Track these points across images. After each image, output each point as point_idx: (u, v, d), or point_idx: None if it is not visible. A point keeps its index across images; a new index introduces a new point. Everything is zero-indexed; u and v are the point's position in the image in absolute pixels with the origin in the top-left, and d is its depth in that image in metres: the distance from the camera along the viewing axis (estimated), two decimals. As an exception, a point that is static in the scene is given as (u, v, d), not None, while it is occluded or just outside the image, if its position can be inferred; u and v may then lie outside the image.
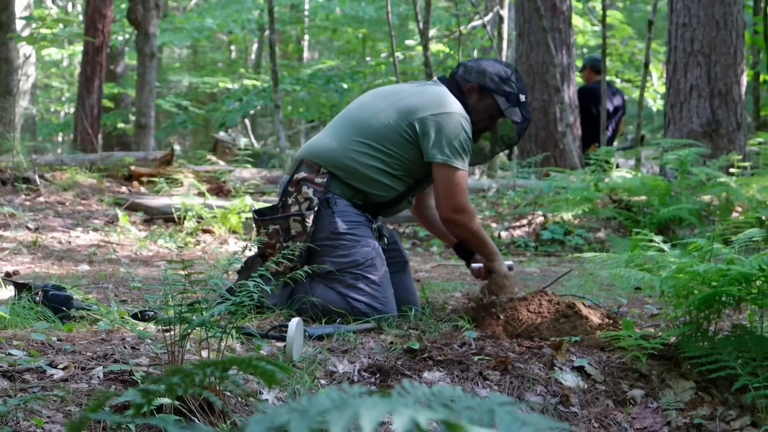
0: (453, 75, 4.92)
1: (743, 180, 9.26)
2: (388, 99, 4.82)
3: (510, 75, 4.83)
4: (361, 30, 23.77)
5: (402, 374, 4.01)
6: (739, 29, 10.99)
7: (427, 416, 1.22)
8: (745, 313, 4.92)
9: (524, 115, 4.84)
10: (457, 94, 4.81)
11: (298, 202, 4.75)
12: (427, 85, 4.92)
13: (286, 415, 1.31)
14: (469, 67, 4.88)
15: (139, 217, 8.97)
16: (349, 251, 4.69)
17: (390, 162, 4.76)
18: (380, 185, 4.80)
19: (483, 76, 4.82)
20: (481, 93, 4.82)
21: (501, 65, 4.91)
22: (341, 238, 4.69)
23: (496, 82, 4.81)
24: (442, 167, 4.72)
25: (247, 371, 1.83)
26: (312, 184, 4.76)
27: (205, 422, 3.31)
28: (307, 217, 4.70)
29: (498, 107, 4.82)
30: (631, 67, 22.30)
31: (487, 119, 4.87)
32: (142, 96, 15.35)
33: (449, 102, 4.73)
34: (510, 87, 4.80)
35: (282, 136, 13.90)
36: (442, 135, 4.67)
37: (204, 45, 27.51)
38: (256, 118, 27.65)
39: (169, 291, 3.68)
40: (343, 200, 4.75)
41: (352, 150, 4.74)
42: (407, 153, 4.76)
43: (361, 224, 4.76)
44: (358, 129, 4.78)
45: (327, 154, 4.79)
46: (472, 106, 4.81)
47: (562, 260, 8.08)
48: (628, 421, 3.95)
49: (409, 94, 4.81)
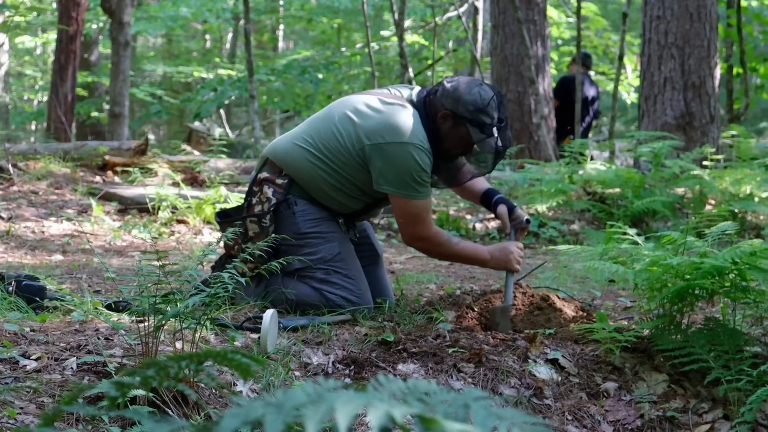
0: (433, 93, 4.69)
1: (716, 173, 9.30)
2: (349, 115, 4.63)
3: (487, 103, 4.53)
4: (337, 20, 23.73)
5: (376, 366, 4.01)
6: (713, 22, 11.04)
7: (402, 411, 1.23)
8: (717, 306, 4.95)
9: (498, 146, 4.58)
10: (430, 116, 4.61)
11: (260, 202, 4.74)
12: (391, 102, 4.65)
13: (261, 409, 1.31)
14: (446, 90, 4.60)
15: (113, 207, 8.94)
16: (315, 249, 4.67)
17: (342, 182, 4.68)
18: (336, 202, 4.76)
19: (457, 103, 4.55)
20: (455, 120, 4.57)
21: (479, 90, 4.58)
22: (305, 237, 4.66)
23: (470, 111, 4.53)
24: (395, 197, 4.61)
25: (222, 364, 1.82)
26: (273, 185, 4.74)
27: (179, 413, 3.31)
28: (264, 218, 4.69)
29: (471, 137, 4.59)
30: (605, 59, 22.34)
31: (462, 146, 4.65)
32: (116, 85, 15.29)
33: (404, 128, 4.52)
34: (486, 117, 4.53)
35: (257, 126, 13.86)
36: (390, 166, 4.52)
37: (178, 34, 27.41)
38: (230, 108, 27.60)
39: (143, 282, 3.67)
40: (303, 200, 4.72)
41: (307, 166, 4.68)
42: (359, 175, 4.65)
43: (324, 220, 4.73)
44: (316, 142, 4.67)
45: (286, 160, 4.74)
46: (444, 132, 4.61)
47: (537, 252, 8.10)
48: (602, 414, 3.97)
49: (370, 114, 4.60)
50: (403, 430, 1.29)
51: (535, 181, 9.60)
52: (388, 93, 4.75)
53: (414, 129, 4.54)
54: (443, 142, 4.64)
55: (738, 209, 8.80)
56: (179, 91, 25.00)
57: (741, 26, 14.32)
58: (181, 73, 23.38)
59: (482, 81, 4.76)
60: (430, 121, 4.61)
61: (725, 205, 8.85)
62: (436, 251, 4.83)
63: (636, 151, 9.99)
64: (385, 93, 4.75)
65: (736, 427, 3.83)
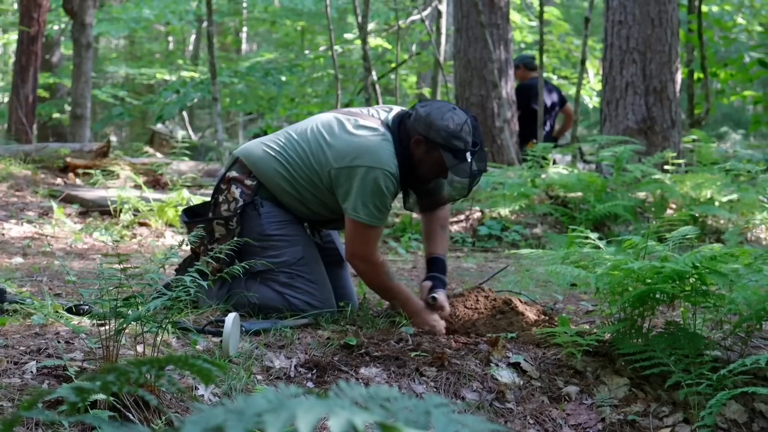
0: (407, 116, 4.65)
1: (677, 177, 9.36)
2: (323, 136, 4.62)
3: (460, 128, 4.50)
4: (300, 23, 23.71)
5: (339, 370, 4.01)
6: (674, 27, 11.10)
7: (364, 418, 1.23)
8: (678, 310, 4.98)
9: (473, 170, 4.55)
10: (404, 142, 4.58)
11: (227, 201, 4.73)
12: (366, 125, 4.62)
13: (222, 415, 1.31)
14: (419, 115, 4.56)
15: (74, 210, 8.88)
16: (278, 252, 4.66)
17: (310, 199, 4.69)
18: (302, 213, 4.77)
19: (429, 128, 4.51)
20: (428, 146, 4.54)
21: (452, 115, 4.54)
22: (270, 239, 4.66)
23: (443, 136, 4.49)
24: (351, 220, 4.58)
25: (183, 369, 1.81)
26: (241, 185, 4.73)
27: (141, 418, 3.29)
28: (231, 221, 4.68)
29: (444, 162, 4.55)
30: (567, 63, 22.43)
31: (436, 171, 4.63)
32: (78, 86, 15.20)
33: (372, 154, 4.50)
34: (459, 142, 4.50)
35: (220, 129, 13.82)
36: (353, 189, 4.50)
37: (141, 36, 27.29)
38: (193, 110, 27.51)
39: (104, 285, 3.65)
40: (269, 202, 4.71)
41: (276, 179, 4.68)
42: (326, 197, 4.66)
43: (289, 223, 4.73)
44: (289, 157, 4.67)
45: (256, 165, 4.73)
46: (418, 157, 4.59)
47: (499, 256, 8.12)
48: (563, 418, 3.98)
49: (343, 137, 4.58)
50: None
51: (498, 185, 9.62)
52: (366, 114, 4.72)
53: (384, 154, 4.52)
54: (417, 168, 4.63)
55: (699, 213, 8.86)
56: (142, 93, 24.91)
57: (702, 31, 14.42)
58: (143, 75, 23.29)
59: (455, 105, 4.71)
60: (404, 145, 4.59)
61: (686, 210, 8.91)
62: (371, 277, 4.75)
63: (598, 155, 10.03)
64: (363, 114, 4.72)
65: (697, 430, 3.85)
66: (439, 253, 4.97)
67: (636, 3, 10.97)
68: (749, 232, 8.91)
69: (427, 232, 5.02)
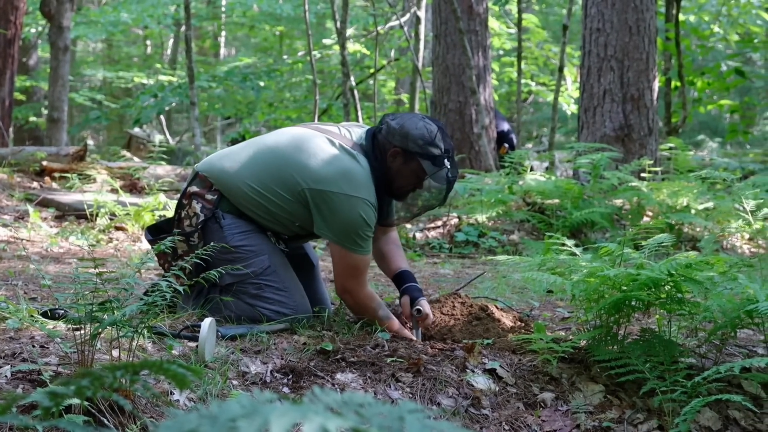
0: (377, 131, 4.67)
1: (654, 185, 9.39)
2: (298, 153, 4.58)
3: (434, 136, 4.58)
4: (279, 27, 23.73)
5: (315, 376, 4.01)
6: (652, 35, 11.15)
7: (337, 424, 1.23)
8: (653, 317, 4.99)
9: (449, 176, 4.60)
10: (378, 157, 4.61)
11: (189, 217, 4.71)
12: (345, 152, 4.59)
13: (196, 420, 1.30)
14: (392, 128, 4.60)
15: (50, 214, 8.85)
16: (244, 263, 4.61)
17: (280, 213, 4.64)
18: (269, 228, 4.73)
19: (406, 139, 4.56)
20: (406, 156, 4.58)
21: (424, 124, 4.62)
22: (234, 252, 4.61)
23: (420, 145, 4.55)
24: (336, 246, 4.59)
25: (158, 373, 1.81)
26: (202, 199, 4.68)
27: (115, 423, 3.28)
28: (192, 236, 4.66)
29: (423, 170, 4.58)
30: (546, 70, 22.50)
31: (414, 181, 4.63)
32: (55, 90, 15.15)
33: (352, 182, 4.50)
34: (435, 149, 4.57)
35: (197, 133, 13.81)
36: (335, 217, 4.50)
37: (119, 39, 27.26)
38: (171, 115, 27.47)
39: (80, 289, 3.63)
40: (231, 215, 4.66)
41: (244, 191, 4.63)
42: (298, 211, 4.61)
43: (252, 233, 4.68)
44: (259, 170, 4.62)
45: (221, 179, 4.68)
46: (396, 169, 4.61)
47: (476, 262, 8.13)
48: (538, 424, 3.99)
49: (319, 158, 4.55)
50: (338, 443, 1.29)
51: (476, 191, 9.64)
52: (338, 133, 4.70)
53: (363, 183, 4.52)
54: (395, 180, 4.64)
55: (675, 221, 8.89)
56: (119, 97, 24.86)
57: (679, 40, 14.49)
58: (121, 79, 23.24)
59: (424, 115, 4.76)
60: (380, 160, 4.61)
61: (662, 217, 8.94)
62: (360, 312, 4.75)
63: (575, 162, 10.06)
64: (334, 132, 4.70)
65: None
66: (403, 266, 5.01)
67: (614, 11, 11.01)
68: (725, 240, 8.95)
69: (383, 253, 5.04)
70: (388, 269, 5.03)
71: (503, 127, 13.83)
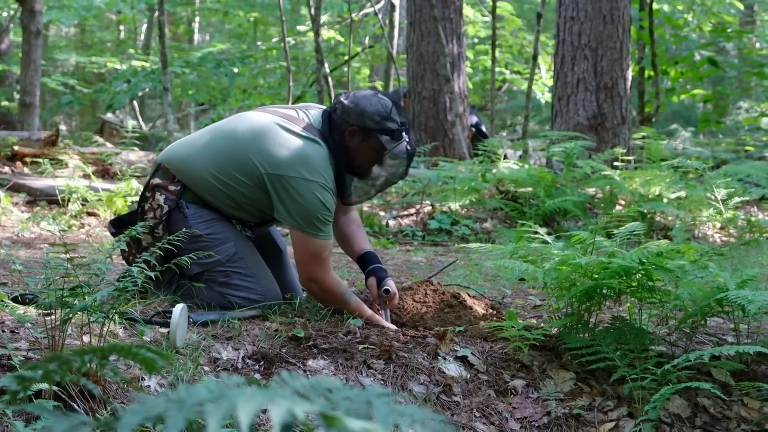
0: (332, 112, 4.67)
1: (627, 173, 9.43)
2: (256, 139, 4.57)
3: (390, 110, 4.60)
4: (253, 14, 23.66)
5: (286, 362, 4.00)
6: (626, 24, 11.18)
7: (305, 408, 1.22)
8: (624, 305, 5.02)
9: (408, 148, 4.63)
10: (335, 138, 4.61)
11: (153, 209, 4.69)
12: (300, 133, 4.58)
13: (163, 405, 1.30)
14: (347, 108, 4.61)
15: (21, 199, 8.81)
16: (210, 251, 4.61)
17: (241, 199, 4.62)
18: (230, 214, 4.71)
19: (362, 117, 4.57)
20: (364, 134, 4.59)
21: (378, 100, 4.63)
22: (199, 241, 4.57)
23: (377, 121, 4.57)
24: (296, 231, 4.57)
25: (127, 358, 1.81)
26: (165, 191, 4.66)
27: (86, 408, 3.27)
28: (156, 228, 4.64)
29: (383, 145, 4.60)
30: (520, 59, 22.53)
31: (374, 158, 4.65)
32: (27, 74, 15.06)
33: (310, 165, 4.49)
34: (392, 123, 4.59)
35: (170, 119, 13.76)
36: (293, 202, 4.49)
37: (92, 24, 27.12)
38: (144, 101, 27.36)
39: (50, 274, 3.62)
40: (195, 205, 4.65)
41: (205, 177, 4.61)
42: (258, 196, 4.60)
43: (217, 221, 4.66)
44: (218, 157, 4.60)
45: (181, 168, 4.67)
46: (355, 148, 4.61)
47: (449, 250, 8.14)
48: (509, 411, 4.00)
49: (276, 142, 4.54)
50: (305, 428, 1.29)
51: (449, 179, 9.65)
52: (296, 116, 4.69)
53: (321, 166, 4.52)
54: (355, 158, 4.64)
55: (647, 210, 8.93)
56: (92, 82, 24.74)
57: (653, 29, 14.52)
58: (94, 64, 23.13)
59: (376, 91, 4.77)
60: (338, 140, 4.62)
61: (634, 206, 8.98)
62: (328, 300, 4.72)
63: (548, 150, 10.08)
64: (291, 116, 4.69)
65: (640, 424, 3.88)
66: (367, 248, 5.01)
67: (588, 0, 11.03)
68: (696, 228, 9.00)
69: (345, 234, 5.05)
70: (351, 251, 5.03)
71: (472, 119, 13.85)
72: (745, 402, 4.15)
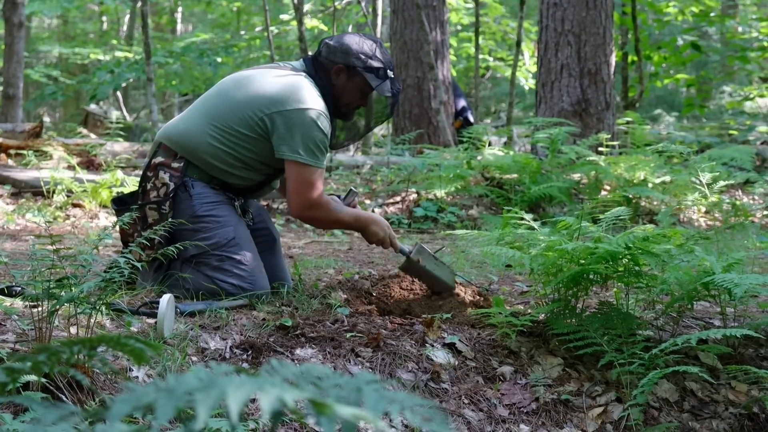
0: (317, 56, 4.77)
1: (611, 159, 9.45)
2: (245, 88, 4.65)
3: (375, 49, 4.71)
4: (236, 3, 23.59)
5: (274, 351, 4.00)
6: (608, 10, 11.18)
7: (295, 395, 1.22)
8: (611, 290, 5.03)
9: (393, 88, 4.73)
10: (322, 78, 4.69)
11: (156, 188, 4.69)
12: (286, 74, 4.69)
13: (152, 394, 1.30)
14: (332, 47, 4.71)
15: (6, 191, 8.79)
16: (209, 233, 4.61)
17: (245, 154, 4.65)
18: (235, 176, 4.72)
19: (348, 55, 4.68)
20: (349, 72, 4.68)
21: (364, 40, 4.74)
22: (201, 221, 4.61)
23: (362, 59, 4.67)
24: (293, 164, 4.57)
25: (115, 349, 1.80)
26: (169, 168, 4.68)
27: (74, 399, 3.27)
28: (164, 205, 4.64)
29: (368, 84, 4.68)
30: (503, 45, 22.53)
31: (359, 97, 4.75)
32: (10, 66, 15.01)
33: (304, 96, 4.56)
34: (377, 62, 4.68)
35: (154, 110, 13.73)
36: (292, 132, 4.53)
37: (74, 15, 27.02)
38: (128, 91, 27.28)
39: (37, 266, 3.61)
40: (200, 182, 4.67)
41: (206, 141, 4.63)
42: (261, 146, 4.64)
43: (220, 204, 4.69)
44: (213, 118, 4.65)
45: (182, 141, 4.69)
46: (341, 86, 4.70)
47: (435, 237, 8.14)
48: (498, 398, 4.01)
49: (265, 85, 4.62)
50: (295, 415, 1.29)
51: (434, 167, 9.66)
52: (277, 65, 4.80)
53: (313, 95, 4.59)
54: (341, 98, 4.73)
55: (632, 195, 8.95)
56: (75, 74, 24.66)
57: (636, 14, 14.54)
58: (77, 55, 23.06)
59: (359, 32, 4.91)
60: (324, 79, 4.71)
61: (620, 191, 9.00)
62: (323, 220, 4.77)
63: (533, 137, 10.09)
64: (273, 66, 4.79)
65: (629, 409, 3.90)
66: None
67: (571, -15, 11.03)
68: (681, 213, 9.02)
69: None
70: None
71: (460, 104, 13.86)
72: (732, 385, 4.17)
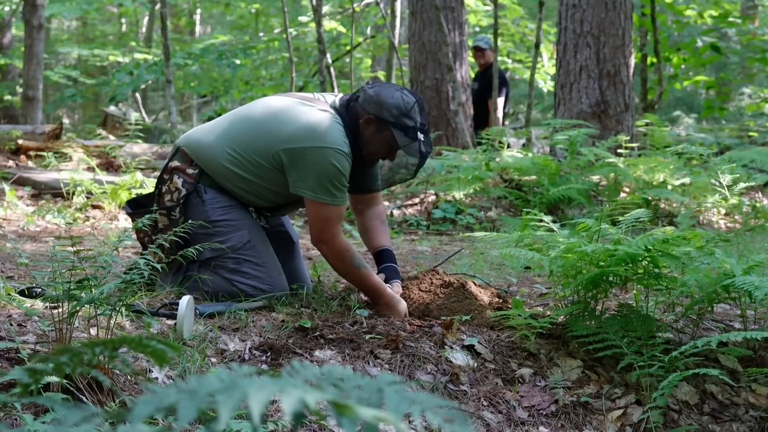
0: (354, 99, 4.65)
1: (631, 161, 9.42)
2: (271, 118, 4.59)
3: (410, 107, 4.53)
4: (255, 5, 23.63)
5: (293, 353, 4.01)
6: (627, 11, 11.15)
7: (316, 396, 1.23)
8: (631, 292, 5.02)
9: (422, 150, 4.58)
10: (350, 123, 4.58)
11: (170, 191, 4.69)
12: (315, 110, 4.59)
13: (174, 395, 1.30)
14: (369, 95, 4.57)
15: (26, 192, 8.82)
16: (224, 237, 4.60)
17: (257, 182, 4.63)
18: (249, 200, 4.72)
19: (381, 107, 4.52)
20: (379, 125, 4.54)
21: (401, 95, 4.57)
22: (215, 226, 4.60)
23: (394, 115, 4.51)
24: (311, 201, 4.53)
25: (137, 350, 1.81)
26: (183, 174, 4.68)
27: (94, 400, 3.27)
28: (173, 210, 4.64)
29: (395, 140, 4.55)
30: (522, 47, 22.50)
31: (386, 151, 4.62)
32: (30, 68, 15.07)
33: (324, 134, 4.47)
34: (410, 120, 4.52)
35: (173, 111, 13.76)
36: (309, 170, 4.47)
37: (94, 17, 27.09)
38: (147, 93, 27.36)
39: (57, 267, 3.62)
40: (213, 188, 4.66)
41: (222, 164, 4.62)
42: (274, 178, 4.60)
43: (234, 207, 4.68)
44: (234, 141, 4.62)
45: (200, 154, 4.68)
46: (368, 137, 4.58)
47: (454, 239, 8.13)
48: (517, 400, 4.00)
49: (290, 118, 4.55)
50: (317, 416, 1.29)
51: (453, 168, 9.64)
52: (312, 97, 4.70)
53: (334, 133, 4.49)
54: (365, 147, 4.62)
55: (651, 197, 8.92)
56: (94, 75, 24.74)
57: (655, 16, 14.50)
58: (96, 57, 23.13)
59: (403, 87, 4.74)
60: (353, 126, 4.59)
61: (639, 193, 8.97)
62: (337, 262, 4.67)
63: (552, 138, 10.08)
64: (308, 97, 4.70)
65: (648, 411, 3.89)
66: (385, 244, 4.99)
67: (590, -13, 11.01)
68: (701, 215, 8.99)
69: (367, 228, 5.03)
70: (370, 245, 5.02)
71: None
72: (753, 388, 4.15)
